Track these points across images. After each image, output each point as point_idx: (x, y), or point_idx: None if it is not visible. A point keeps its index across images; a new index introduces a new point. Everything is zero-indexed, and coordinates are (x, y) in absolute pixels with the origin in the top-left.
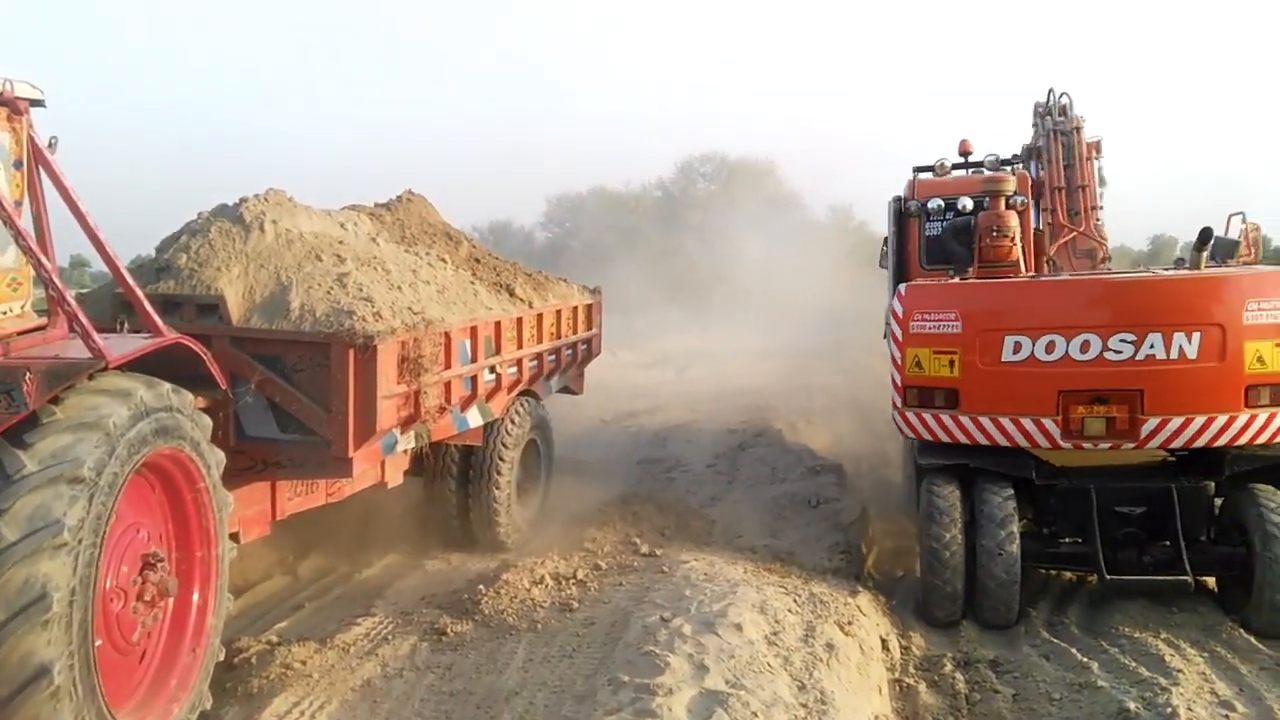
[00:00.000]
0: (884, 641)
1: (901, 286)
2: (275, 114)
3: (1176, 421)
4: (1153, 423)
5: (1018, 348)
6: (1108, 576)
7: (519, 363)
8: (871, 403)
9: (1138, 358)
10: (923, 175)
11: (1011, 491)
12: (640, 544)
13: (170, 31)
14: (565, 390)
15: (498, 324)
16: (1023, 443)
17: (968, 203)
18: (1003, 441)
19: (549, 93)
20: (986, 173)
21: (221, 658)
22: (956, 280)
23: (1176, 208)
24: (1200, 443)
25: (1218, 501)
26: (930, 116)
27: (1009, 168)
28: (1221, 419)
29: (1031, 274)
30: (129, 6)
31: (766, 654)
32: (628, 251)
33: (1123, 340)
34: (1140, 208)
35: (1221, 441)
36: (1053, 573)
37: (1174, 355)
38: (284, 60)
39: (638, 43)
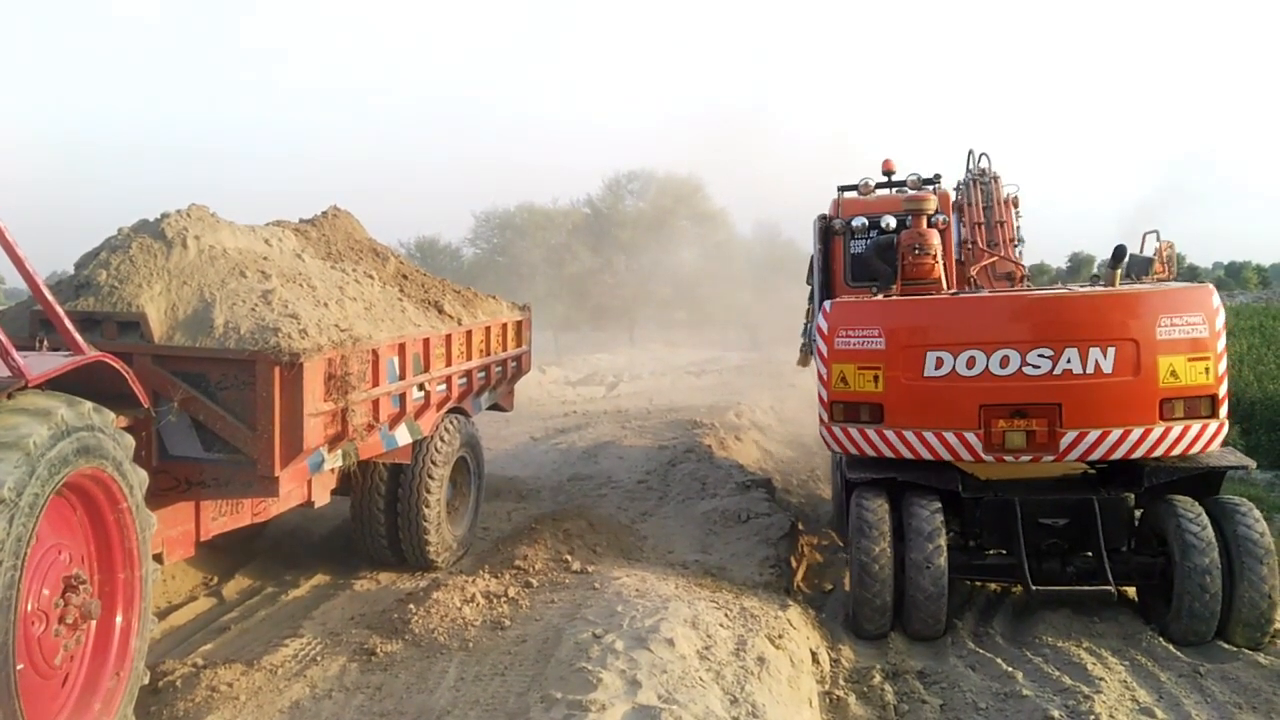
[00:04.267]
0: (814, 654)
1: (827, 304)
2: (199, 127)
3: (1094, 434)
4: (1071, 435)
5: (939, 363)
6: (1033, 587)
7: (448, 380)
8: (798, 418)
9: (1055, 372)
10: (847, 194)
11: (939, 505)
12: (572, 561)
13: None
14: (495, 407)
15: (426, 341)
16: (946, 456)
17: (890, 221)
18: (927, 455)
19: (475, 108)
20: (909, 192)
21: (146, 681)
22: (880, 297)
23: (1094, 227)
24: (1117, 455)
25: (1138, 513)
26: (858, 135)
27: (930, 187)
28: (1137, 432)
29: (953, 290)
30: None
31: (699, 668)
32: (556, 268)
33: (1041, 355)
34: (1059, 227)
35: (1138, 454)
36: (979, 584)
37: (1090, 370)
38: (210, 72)
39: (564, 59)
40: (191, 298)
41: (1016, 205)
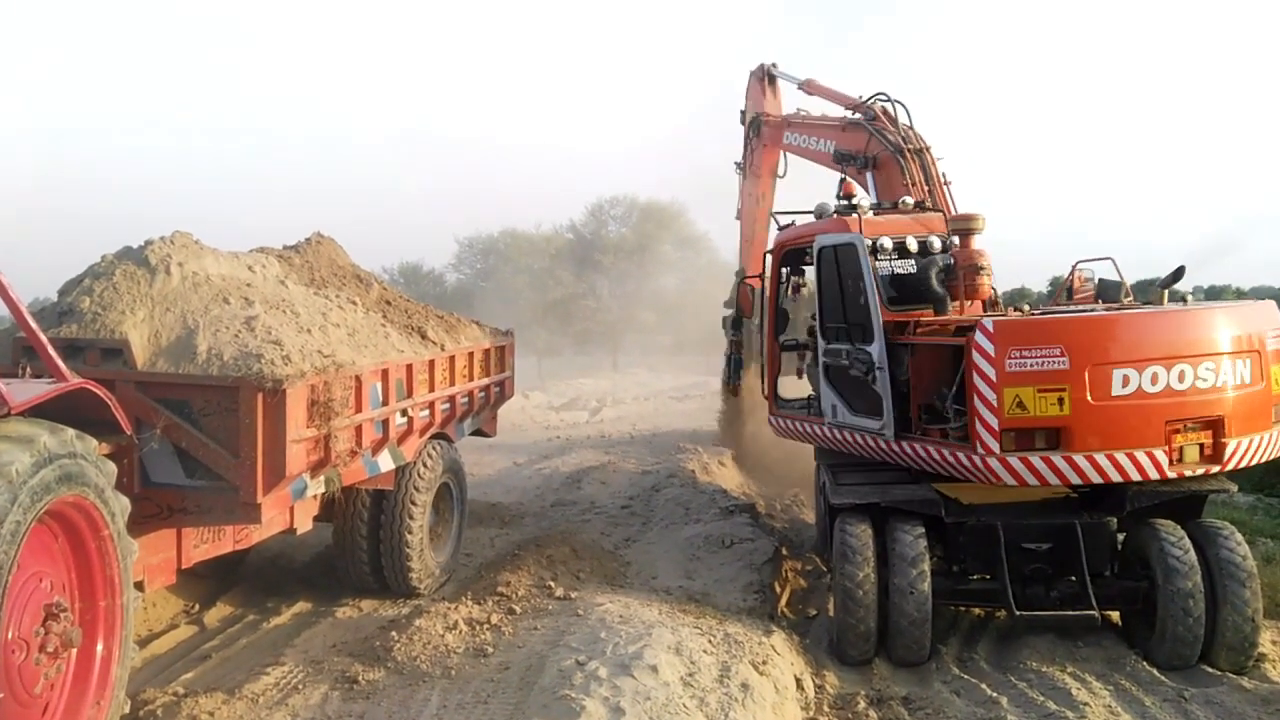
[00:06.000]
0: (798, 680)
1: (988, 322)
2: (184, 157)
3: (1245, 442)
4: (1232, 445)
5: (1126, 380)
6: (1017, 612)
7: (431, 405)
8: (783, 444)
9: (1218, 384)
10: (791, 219)
11: (922, 530)
12: (555, 587)
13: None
14: (478, 433)
15: (409, 367)
16: (1135, 476)
17: (936, 241)
18: (1116, 478)
19: (458, 134)
20: (908, 211)
21: (127, 710)
22: (1041, 315)
23: (1066, 256)
24: (1258, 460)
25: (1121, 537)
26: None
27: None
28: (1268, 436)
29: (1128, 303)
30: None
31: (682, 695)
32: (539, 293)
33: (1207, 368)
34: (1039, 256)
35: (1267, 457)
36: (962, 609)
37: (1238, 381)
38: (195, 102)
39: (545, 84)
40: (175, 324)
41: (948, 182)
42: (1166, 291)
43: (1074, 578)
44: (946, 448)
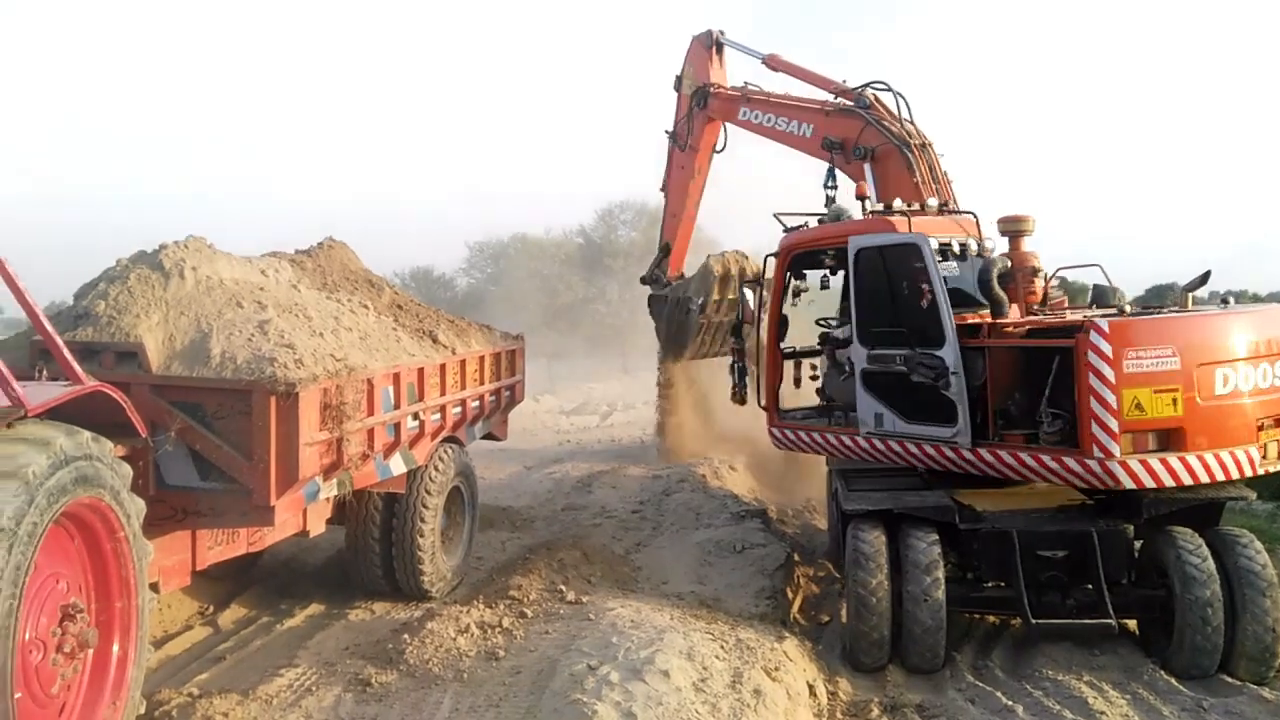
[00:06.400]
0: (811, 687)
1: (1102, 323)
2: (200, 163)
3: None
4: None
5: (1226, 379)
6: (1032, 620)
7: (442, 409)
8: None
9: None
10: (801, 221)
11: (936, 537)
12: (566, 591)
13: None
14: (489, 436)
15: (421, 370)
16: (1235, 475)
17: (973, 244)
18: (1220, 477)
19: (470, 137)
20: (933, 212)
21: (142, 710)
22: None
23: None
24: None
25: (1138, 544)
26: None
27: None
28: None
29: (1223, 303)
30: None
31: (694, 701)
32: (549, 297)
33: None
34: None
35: None
36: (977, 616)
37: None
38: (204, 108)
39: (554, 88)
40: (189, 328)
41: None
42: (1191, 295)
43: (1090, 585)
44: (1046, 453)
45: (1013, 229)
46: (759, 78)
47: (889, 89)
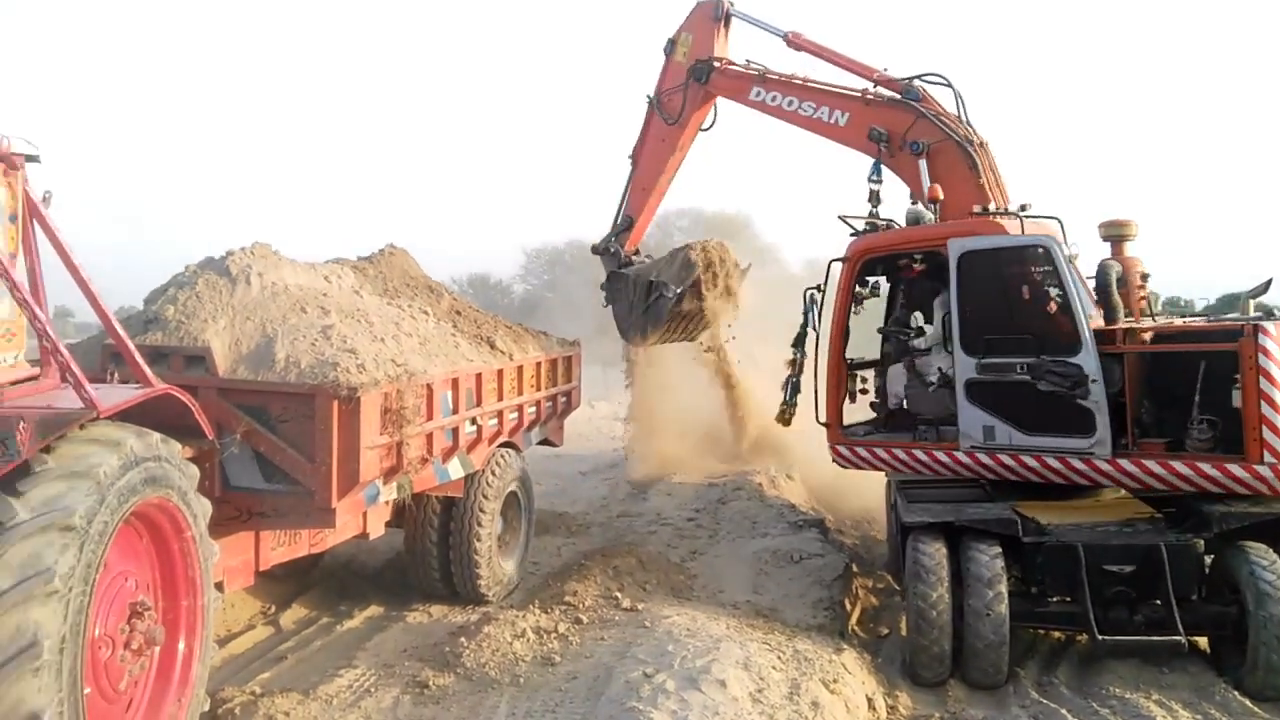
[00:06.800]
0: (870, 700)
1: (1270, 326)
2: (262, 168)
3: None
4: None
5: None
6: (1099, 636)
7: (499, 414)
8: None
9: None
10: (864, 224)
11: (999, 550)
12: (621, 598)
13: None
14: (545, 442)
15: (479, 376)
16: None
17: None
18: None
19: (528, 143)
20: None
21: (206, 708)
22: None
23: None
24: None
25: (1209, 559)
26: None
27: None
28: None
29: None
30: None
31: (751, 712)
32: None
33: None
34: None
35: None
36: (1041, 631)
37: None
38: (271, 120)
39: (613, 94)
40: (254, 332)
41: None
42: (1253, 301)
43: (1159, 601)
44: (1203, 461)
45: (1116, 234)
46: (758, 54)
47: (947, 83)
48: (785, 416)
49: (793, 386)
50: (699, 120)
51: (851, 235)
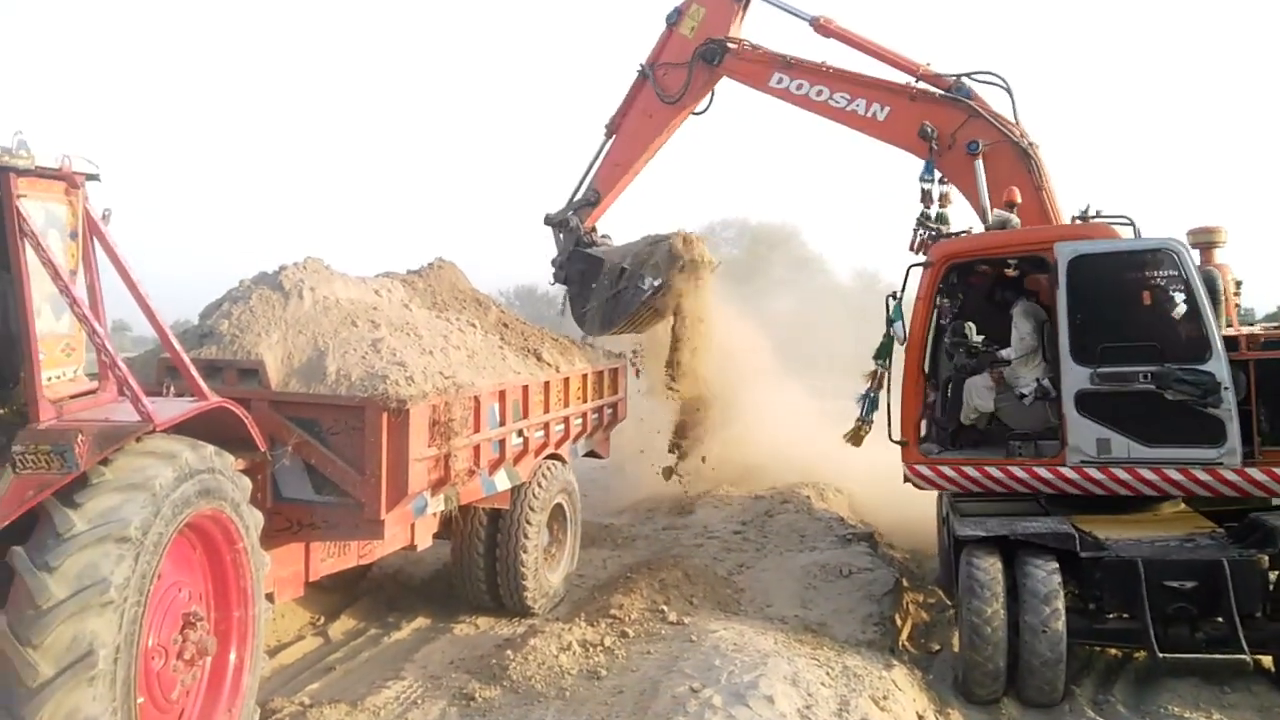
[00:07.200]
0: (921, 717)
1: None
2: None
3: None
4: None
5: None
6: (1159, 654)
7: (545, 426)
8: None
9: None
10: (932, 229)
11: (1056, 565)
12: (668, 612)
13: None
14: (591, 454)
15: (525, 388)
16: None
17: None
18: None
19: (570, 157)
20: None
21: (256, 718)
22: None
23: None
24: None
25: (1274, 575)
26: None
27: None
28: None
29: None
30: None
31: None
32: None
33: None
34: None
35: None
36: (1098, 648)
37: None
38: (318, 133)
39: None
40: (306, 346)
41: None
42: None
43: (1221, 618)
44: None
45: (1205, 240)
46: (767, 40)
47: (1003, 83)
48: (859, 435)
49: (870, 402)
50: (697, 101)
51: (929, 238)
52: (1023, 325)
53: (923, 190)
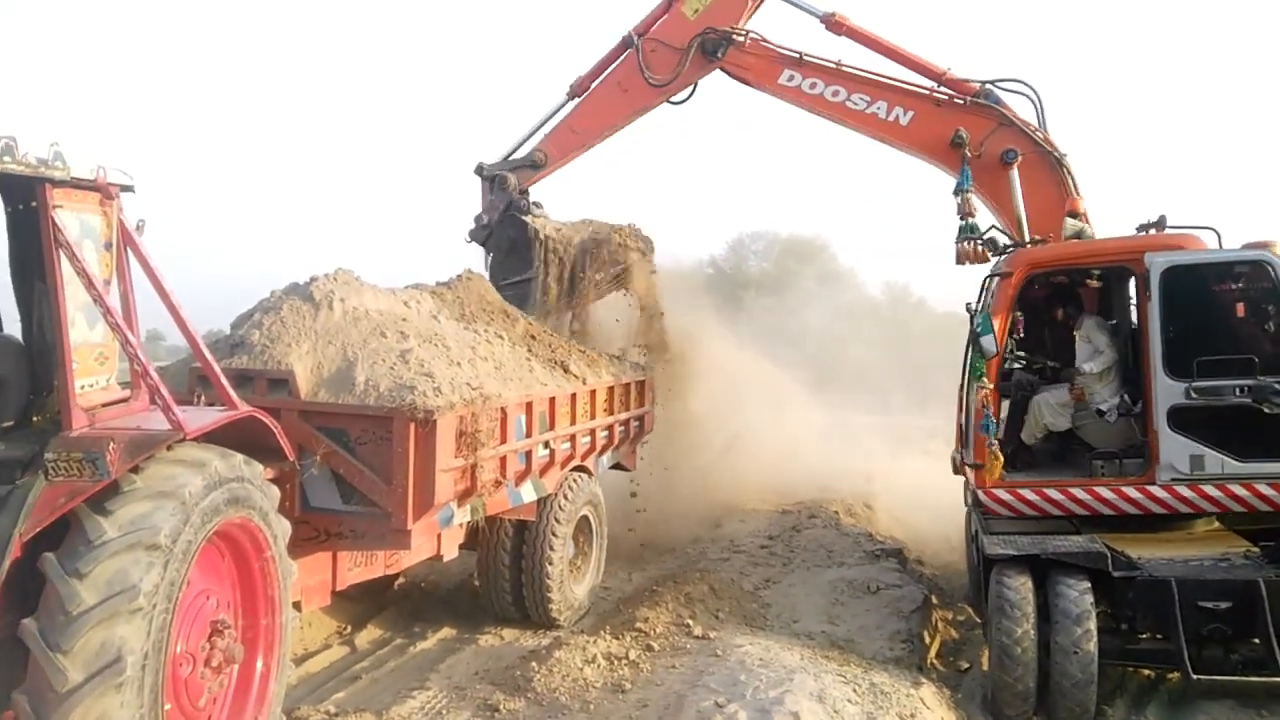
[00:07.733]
0: None
1: None
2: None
3: None
4: None
5: None
6: (1193, 676)
7: (572, 438)
8: (937, 484)
9: None
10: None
11: (1088, 585)
12: (694, 626)
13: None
14: (617, 467)
15: (552, 400)
16: None
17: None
18: None
19: (597, 167)
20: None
21: None
22: None
23: None
24: None
25: None
26: None
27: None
28: None
29: None
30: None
31: None
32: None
33: None
34: None
35: None
36: (1130, 670)
37: None
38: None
39: (684, 116)
40: (336, 356)
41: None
42: None
43: (1258, 640)
44: None
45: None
46: (770, 35)
47: (1031, 90)
48: (967, 464)
49: (985, 425)
50: (681, 89)
51: (984, 248)
52: (1098, 338)
53: (965, 199)
